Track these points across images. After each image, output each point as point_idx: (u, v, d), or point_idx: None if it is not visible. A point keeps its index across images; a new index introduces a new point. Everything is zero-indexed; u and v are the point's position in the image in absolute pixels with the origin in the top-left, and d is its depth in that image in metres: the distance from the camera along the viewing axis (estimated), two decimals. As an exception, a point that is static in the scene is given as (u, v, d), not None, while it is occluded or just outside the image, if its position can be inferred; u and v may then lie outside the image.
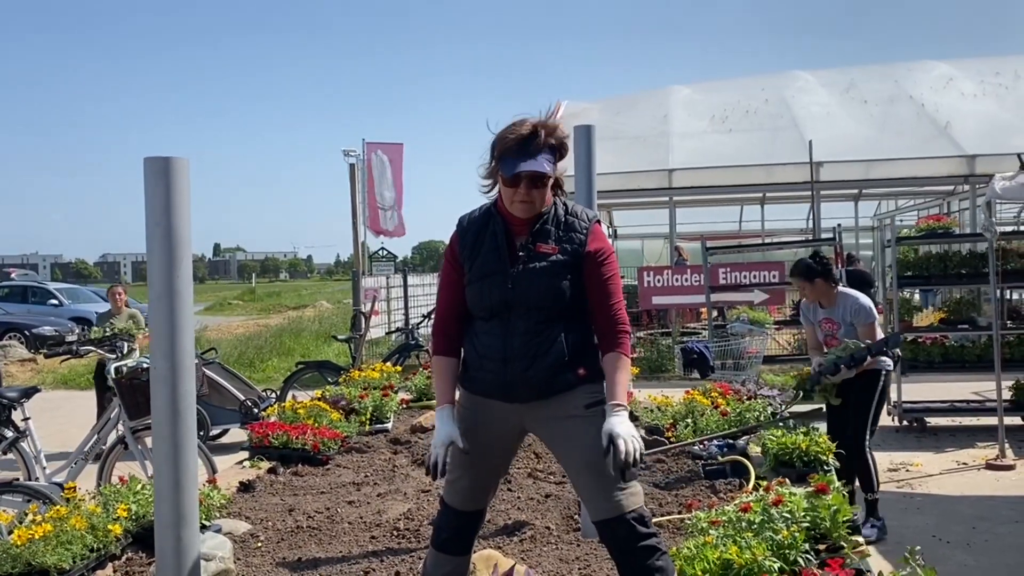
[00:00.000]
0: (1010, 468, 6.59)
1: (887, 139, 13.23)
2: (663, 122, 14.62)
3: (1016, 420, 7.71)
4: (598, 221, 2.73)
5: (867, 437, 5.18)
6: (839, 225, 9.99)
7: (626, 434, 2.43)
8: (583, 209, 2.73)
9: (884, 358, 5.24)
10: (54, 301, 22.53)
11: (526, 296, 2.57)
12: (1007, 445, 6.80)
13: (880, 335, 5.22)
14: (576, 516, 4.16)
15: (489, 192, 2.72)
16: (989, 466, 6.59)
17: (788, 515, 3.15)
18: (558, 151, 2.61)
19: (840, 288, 5.41)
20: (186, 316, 2.25)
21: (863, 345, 5.10)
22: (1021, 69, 14.38)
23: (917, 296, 12.88)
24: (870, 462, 5.20)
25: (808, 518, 3.14)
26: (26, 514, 3.58)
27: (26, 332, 18.89)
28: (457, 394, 2.77)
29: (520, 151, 2.54)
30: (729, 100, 14.86)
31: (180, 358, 2.24)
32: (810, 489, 3.39)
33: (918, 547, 2.60)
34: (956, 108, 13.49)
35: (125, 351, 5.79)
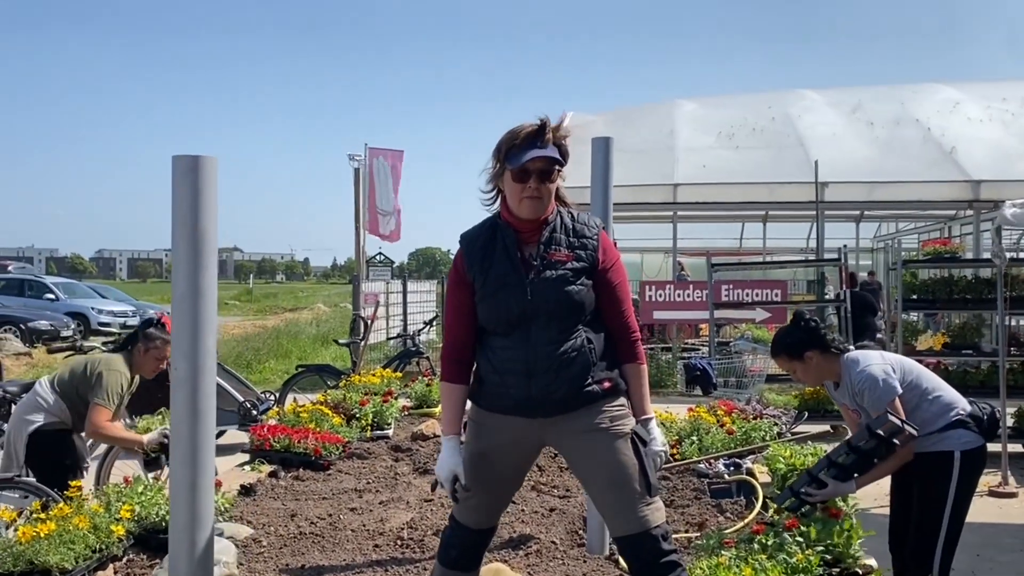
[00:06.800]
0: (1012, 496, 6.56)
1: (892, 161, 13.25)
2: (669, 136, 14.63)
3: (1019, 447, 7.68)
4: (604, 228, 2.73)
5: (937, 557, 3.55)
6: (845, 246, 9.98)
7: (664, 448, 2.62)
8: (589, 216, 2.74)
9: (961, 432, 3.55)
10: (50, 295, 22.45)
11: (545, 306, 2.52)
12: (1009, 473, 6.77)
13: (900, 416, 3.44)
14: (581, 531, 4.12)
15: (491, 204, 2.69)
16: (992, 493, 6.55)
17: (801, 538, 3.12)
18: (562, 155, 2.58)
19: (848, 354, 3.74)
20: (210, 318, 2.21)
21: (864, 440, 3.43)
22: (1028, 95, 14.42)
23: (915, 317, 12.87)
24: None
25: (822, 542, 3.12)
26: (31, 512, 3.53)
27: (22, 326, 18.83)
28: (467, 409, 2.73)
29: (529, 144, 2.52)
30: (735, 116, 14.87)
31: (202, 359, 2.20)
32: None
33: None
34: (962, 133, 13.51)
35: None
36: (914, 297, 7.96)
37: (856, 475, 3.48)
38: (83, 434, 4.77)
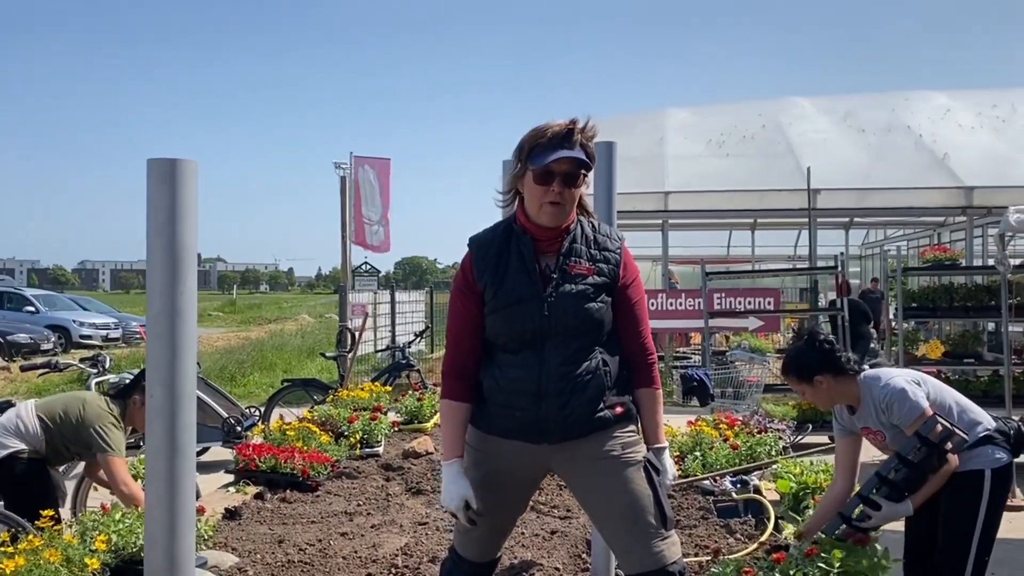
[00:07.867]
0: (1021, 509, 6.39)
1: (884, 168, 13.17)
2: (659, 144, 14.50)
3: None
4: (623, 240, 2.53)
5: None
6: (842, 253, 9.83)
7: (674, 481, 2.43)
8: (610, 228, 2.53)
9: (990, 449, 3.37)
10: (30, 308, 22.04)
11: (563, 323, 2.32)
12: (1016, 487, 6.60)
13: (941, 427, 3.20)
14: (584, 555, 3.92)
15: (507, 205, 2.50)
16: (1001, 507, 6.38)
17: (824, 565, 2.93)
18: (589, 159, 2.38)
19: (864, 375, 3.49)
20: (189, 338, 1.97)
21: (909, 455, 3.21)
22: (1018, 102, 14.38)
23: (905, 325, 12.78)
24: None
25: (848, 571, 2.93)
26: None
27: (0, 339, 18.46)
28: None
29: (556, 144, 2.31)
30: (726, 124, 14.76)
31: (180, 385, 1.95)
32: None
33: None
34: (953, 139, 13.44)
35: (107, 365, 5.50)
36: (914, 305, 7.82)
37: (908, 494, 3.24)
38: (60, 469, 4.54)
